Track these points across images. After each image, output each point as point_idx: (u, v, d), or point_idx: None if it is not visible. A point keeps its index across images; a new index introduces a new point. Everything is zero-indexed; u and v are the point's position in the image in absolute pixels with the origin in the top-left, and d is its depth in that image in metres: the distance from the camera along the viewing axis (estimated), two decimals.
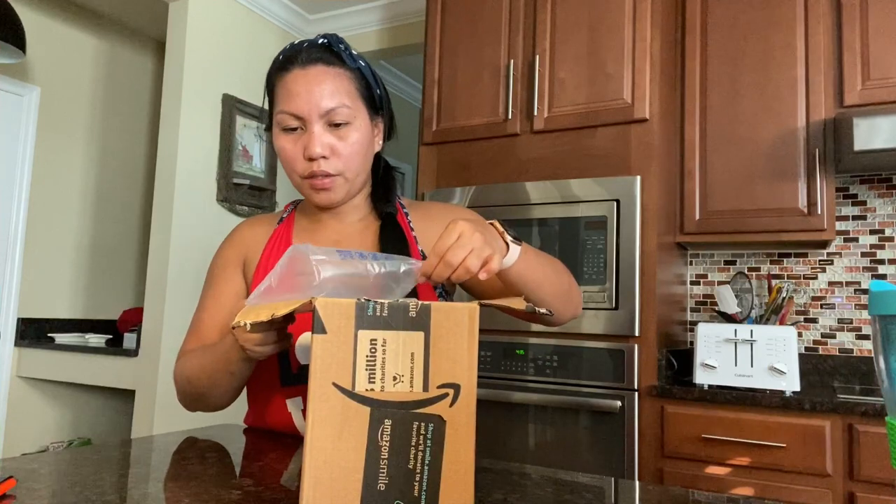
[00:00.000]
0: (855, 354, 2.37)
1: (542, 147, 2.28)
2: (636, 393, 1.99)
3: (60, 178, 3.33)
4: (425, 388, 0.65)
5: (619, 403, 1.98)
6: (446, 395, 0.65)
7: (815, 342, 2.44)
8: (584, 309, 2.08)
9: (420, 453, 0.65)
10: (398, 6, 3.27)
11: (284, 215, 1.15)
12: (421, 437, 0.65)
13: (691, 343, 2.64)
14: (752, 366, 1.99)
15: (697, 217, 2.33)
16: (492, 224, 0.85)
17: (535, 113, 2.27)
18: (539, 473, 0.86)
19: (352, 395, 0.65)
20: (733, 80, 2.32)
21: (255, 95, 3.20)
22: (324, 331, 0.65)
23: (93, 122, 3.48)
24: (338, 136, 0.99)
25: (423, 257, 1.07)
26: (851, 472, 1.80)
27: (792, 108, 2.23)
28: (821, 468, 1.82)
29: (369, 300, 0.66)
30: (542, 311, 0.75)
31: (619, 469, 1.97)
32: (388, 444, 0.65)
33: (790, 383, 1.94)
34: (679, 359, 2.34)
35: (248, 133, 3.14)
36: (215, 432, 1.06)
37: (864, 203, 2.42)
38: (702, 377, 2.04)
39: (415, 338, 0.65)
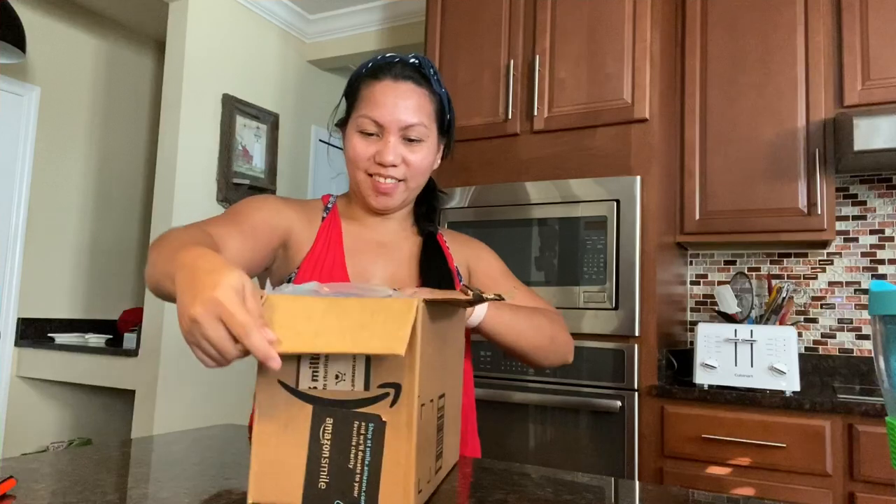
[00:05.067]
0: (855, 354, 2.37)
1: (542, 147, 2.28)
2: (636, 393, 1.99)
3: (60, 178, 3.33)
4: (367, 388, 0.65)
5: (619, 403, 1.98)
6: (387, 394, 0.64)
7: (815, 342, 2.44)
8: (584, 309, 2.08)
9: (360, 453, 0.64)
10: (398, 6, 3.27)
11: (329, 206, 1.15)
12: (361, 437, 0.64)
13: (691, 343, 2.64)
14: (752, 366, 1.99)
15: (697, 217, 2.33)
16: (464, 288, 0.83)
17: (535, 113, 2.27)
18: (539, 473, 0.86)
19: (295, 392, 0.66)
20: (733, 80, 2.32)
21: (255, 95, 3.20)
22: None
23: (93, 122, 3.48)
24: (410, 149, 1.05)
25: (458, 273, 1.16)
26: (851, 472, 1.80)
27: (792, 108, 2.23)
28: (821, 468, 1.82)
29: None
30: (490, 296, 0.75)
31: (619, 469, 1.97)
32: (329, 443, 0.64)
33: (790, 383, 1.94)
34: (679, 359, 2.34)
35: (248, 133, 3.14)
36: (216, 432, 1.06)
37: (864, 203, 2.42)
38: (702, 377, 2.04)
39: None
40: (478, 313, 0.99)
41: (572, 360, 1.16)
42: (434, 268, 1.10)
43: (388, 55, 1.09)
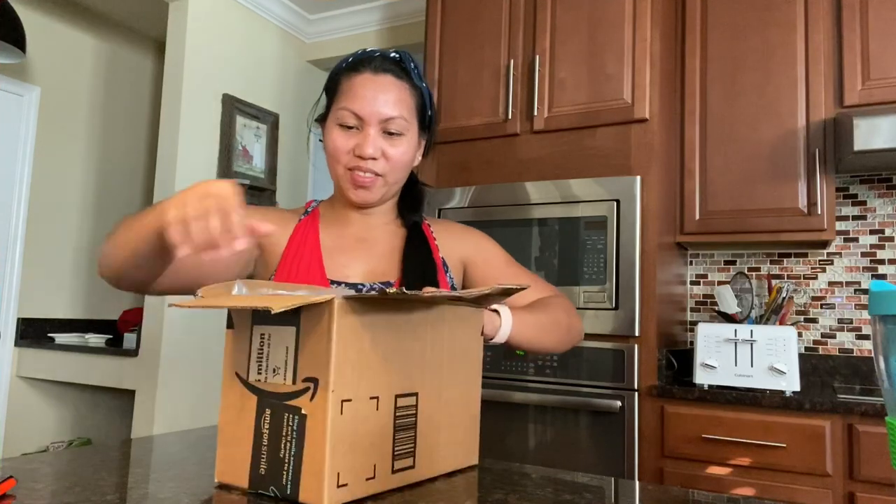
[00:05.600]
0: (855, 354, 2.37)
1: (542, 147, 2.28)
2: (636, 393, 1.99)
3: (60, 178, 3.33)
4: (294, 381, 0.68)
5: (619, 403, 1.98)
6: (307, 388, 0.67)
7: (815, 342, 2.44)
8: (584, 309, 2.08)
9: (288, 443, 0.68)
10: (398, 6, 3.27)
11: (309, 209, 1.16)
12: (289, 428, 0.68)
13: (691, 343, 2.64)
14: (752, 366, 1.99)
15: (697, 217, 2.33)
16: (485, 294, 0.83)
17: (535, 113, 2.27)
18: (539, 473, 0.86)
19: (246, 384, 0.72)
20: (733, 80, 2.32)
21: (255, 95, 3.20)
22: (232, 326, 0.74)
23: (93, 122, 3.48)
24: (390, 143, 1.04)
25: (444, 264, 1.14)
26: (851, 472, 1.80)
27: (792, 108, 2.23)
28: (821, 468, 1.82)
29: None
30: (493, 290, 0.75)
31: (619, 469, 1.97)
32: (268, 433, 0.69)
33: (790, 383, 1.94)
34: (679, 359, 2.34)
35: (248, 133, 3.14)
36: (215, 432, 1.06)
37: (864, 203, 2.42)
38: (702, 377, 2.04)
39: (289, 332, 0.70)
40: (504, 330, 0.99)
41: (582, 336, 1.20)
42: (416, 260, 1.08)
43: (368, 49, 1.09)
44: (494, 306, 0.99)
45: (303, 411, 0.67)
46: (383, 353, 0.72)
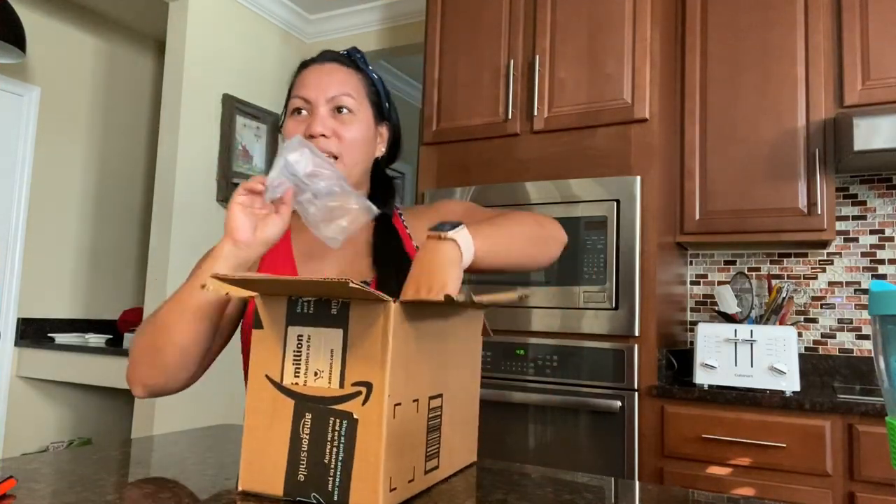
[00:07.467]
0: (855, 354, 2.37)
1: (542, 147, 2.28)
2: (636, 393, 1.99)
3: (60, 178, 3.33)
4: (341, 385, 0.67)
5: (619, 403, 1.98)
6: (359, 392, 0.66)
7: (815, 342, 2.44)
8: (584, 309, 2.08)
9: (334, 449, 0.66)
10: (398, 6, 3.27)
11: None
12: (335, 433, 0.66)
13: (691, 343, 2.64)
14: (752, 366, 1.99)
15: (697, 217, 2.33)
16: (437, 234, 0.85)
17: (535, 113, 2.27)
18: (539, 473, 0.86)
19: (280, 387, 0.69)
20: (733, 80, 2.32)
21: (255, 95, 3.20)
22: (261, 326, 0.70)
23: (93, 122, 3.48)
24: (340, 121, 1.04)
25: (417, 250, 1.08)
26: (851, 472, 1.80)
27: (792, 108, 2.23)
28: (821, 468, 1.82)
29: (299, 298, 0.69)
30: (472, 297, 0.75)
31: (619, 469, 1.97)
32: (308, 438, 0.67)
33: (790, 383, 1.94)
34: (679, 359, 2.34)
35: (248, 133, 3.14)
36: (215, 432, 1.06)
37: (864, 203, 2.42)
38: (702, 377, 2.04)
39: (334, 335, 0.67)
40: (466, 257, 0.87)
41: (566, 239, 1.10)
42: (388, 255, 1.04)
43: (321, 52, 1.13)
44: (449, 234, 0.86)
45: (354, 416, 0.65)
46: (422, 355, 0.72)
